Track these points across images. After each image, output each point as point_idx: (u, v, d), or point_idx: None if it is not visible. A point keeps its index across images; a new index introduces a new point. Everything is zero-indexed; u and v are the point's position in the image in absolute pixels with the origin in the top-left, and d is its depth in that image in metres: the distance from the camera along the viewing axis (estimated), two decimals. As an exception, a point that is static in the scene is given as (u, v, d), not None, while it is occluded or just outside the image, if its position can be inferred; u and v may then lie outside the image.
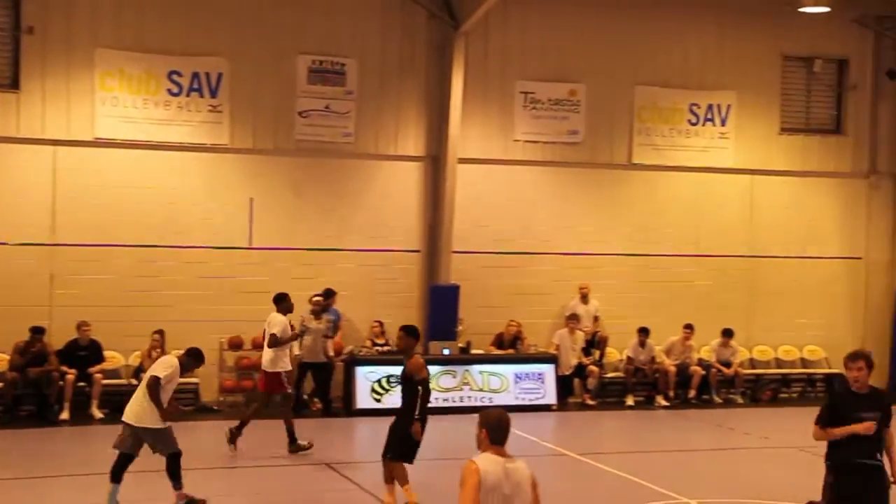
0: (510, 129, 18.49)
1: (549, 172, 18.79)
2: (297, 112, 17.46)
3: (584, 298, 18.55)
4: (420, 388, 10.48)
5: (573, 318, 18.09)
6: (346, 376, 16.94)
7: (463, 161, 17.97)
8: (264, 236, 17.41)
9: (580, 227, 18.87)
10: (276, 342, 13.42)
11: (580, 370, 18.11)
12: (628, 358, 18.45)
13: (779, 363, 19.81)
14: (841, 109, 20.16)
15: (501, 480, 6.07)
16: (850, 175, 20.14)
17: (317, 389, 16.78)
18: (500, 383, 17.18)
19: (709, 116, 19.40)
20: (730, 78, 19.42)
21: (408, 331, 10.83)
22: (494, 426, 6.23)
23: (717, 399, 18.71)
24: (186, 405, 16.36)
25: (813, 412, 8.92)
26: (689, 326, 18.54)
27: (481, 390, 17.17)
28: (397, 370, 15.56)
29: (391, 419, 10.94)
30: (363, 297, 17.72)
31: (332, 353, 16.64)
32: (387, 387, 16.47)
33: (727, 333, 18.90)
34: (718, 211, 19.56)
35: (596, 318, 18.59)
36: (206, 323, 16.77)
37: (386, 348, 17.26)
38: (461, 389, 17.04)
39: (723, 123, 19.47)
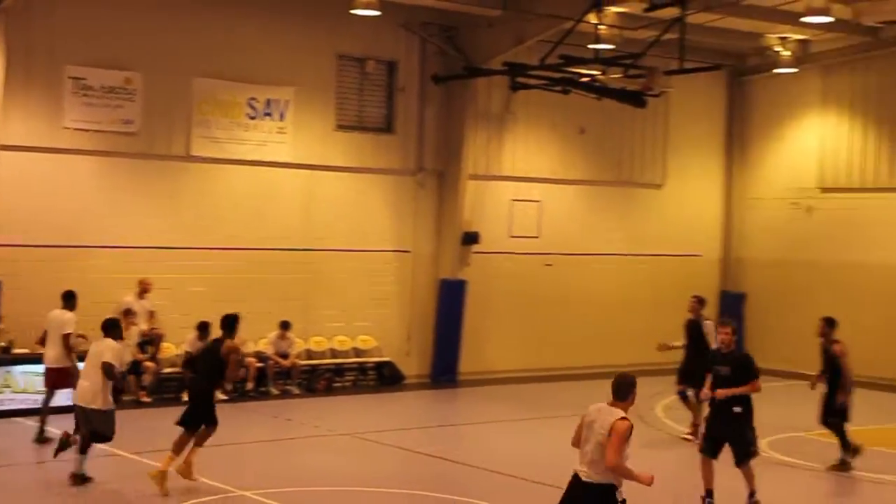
0: (58, 116, 17.49)
1: (103, 162, 18.01)
2: None
3: (141, 293, 17.97)
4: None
5: (128, 314, 17.45)
6: None
7: (5, 148, 16.73)
8: None
9: (136, 220, 18.27)
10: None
11: (135, 367, 17.53)
12: (186, 353, 18.16)
13: (333, 353, 20.43)
14: (392, 109, 21.19)
15: (592, 420, 8.18)
16: (400, 172, 21.20)
17: None
18: (48, 384, 16.15)
19: (267, 111, 19.56)
20: (288, 74, 19.71)
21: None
22: (612, 383, 8.33)
23: (274, 391, 18.96)
24: None
25: (365, 399, 9.33)
26: (234, 317, 18.55)
27: (25, 392, 16.06)
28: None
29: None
30: None
31: None
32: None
33: (284, 325, 19.21)
34: (277, 205, 19.79)
35: (152, 314, 18.09)
36: None
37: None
38: (2, 392, 15.86)
39: (281, 118, 19.71)
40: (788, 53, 22.92)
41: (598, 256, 23.64)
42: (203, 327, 18.01)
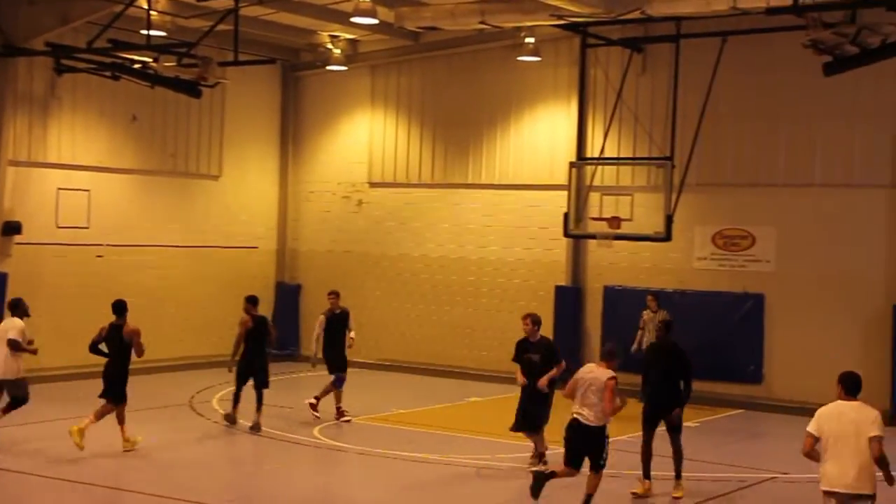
0: None
1: None
2: None
3: None
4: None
5: None
6: None
7: None
8: None
9: None
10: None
11: None
12: None
13: None
14: None
15: (585, 378, 11.38)
16: None
17: None
18: None
19: None
20: None
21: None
22: (602, 351, 12.32)
23: None
24: None
25: None
26: None
27: None
28: None
29: None
30: None
31: None
32: None
33: None
34: None
35: None
36: None
37: None
38: None
39: None
40: (339, 52, 23.75)
41: (153, 248, 23.06)
42: None
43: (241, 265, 24.55)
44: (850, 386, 8.90)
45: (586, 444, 11.34)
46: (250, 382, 16.18)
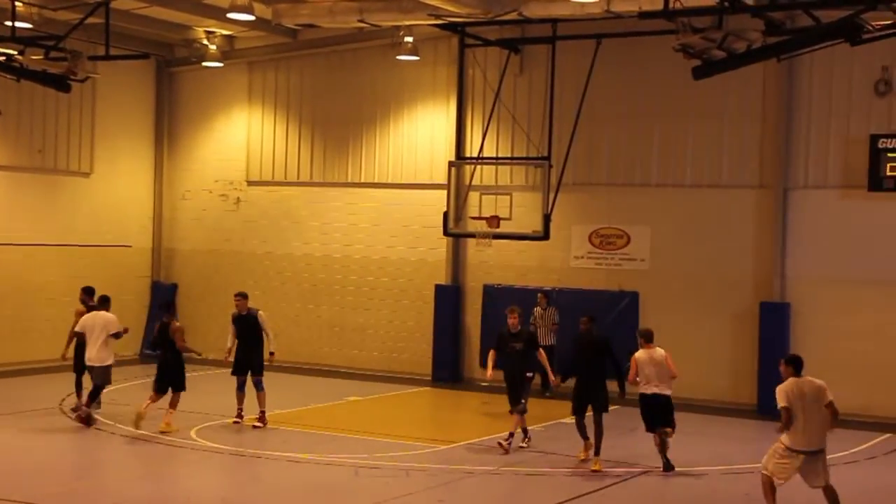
0: None
1: None
2: None
3: None
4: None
5: None
6: None
7: None
8: None
9: None
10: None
11: None
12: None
13: None
14: None
15: (649, 360, 13.81)
16: None
17: None
18: None
19: None
20: None
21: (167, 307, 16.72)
22: (642, 333, 14.17)
23: None
24: None
25: None
26: None
27: None
28: None
29: None
30: None
31: None
32: None
33: None
34: None
35: None
36: None
37: None
38: None
39: None
40: (215, 48, 23.37)
41: (20, 247, 22.36)
42: None
43: (114, 264, 23.96)
44: (797, 366, 11.12)
45: (660, 411, 13.71)
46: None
